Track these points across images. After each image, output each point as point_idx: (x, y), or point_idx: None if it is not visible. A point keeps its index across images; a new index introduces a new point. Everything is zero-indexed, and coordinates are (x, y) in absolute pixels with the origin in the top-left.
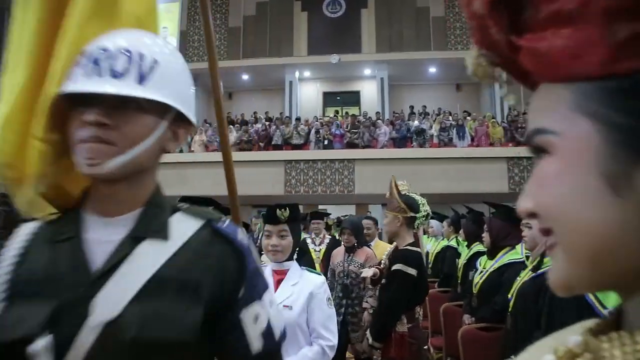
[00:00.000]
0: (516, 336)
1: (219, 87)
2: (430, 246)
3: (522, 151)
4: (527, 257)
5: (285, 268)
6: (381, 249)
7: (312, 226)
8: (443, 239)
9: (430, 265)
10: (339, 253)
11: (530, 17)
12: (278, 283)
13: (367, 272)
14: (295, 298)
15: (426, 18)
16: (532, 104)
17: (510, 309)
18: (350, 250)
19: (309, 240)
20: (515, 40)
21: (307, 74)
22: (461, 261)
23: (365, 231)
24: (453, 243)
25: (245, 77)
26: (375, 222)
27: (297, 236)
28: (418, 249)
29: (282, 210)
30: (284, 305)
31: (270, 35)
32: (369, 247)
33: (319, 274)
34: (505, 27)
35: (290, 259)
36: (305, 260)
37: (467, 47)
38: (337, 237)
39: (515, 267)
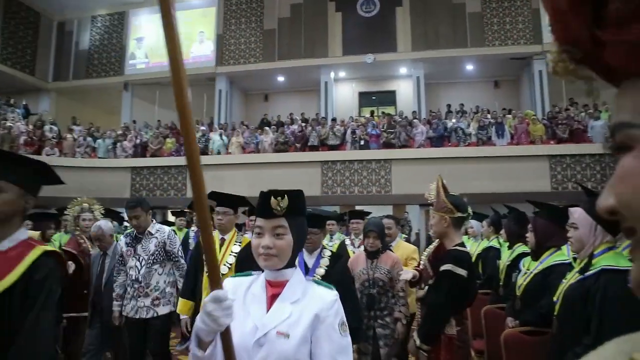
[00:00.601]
0: (562, 341)
1: (185, 95)
2: (470, 247)
3: (565, 149)
4: (575, 259)
5: (282, 279)
6: (402, 250)
7: (351, 226)
8: (483, 240)
9: None
10: (359, 260)
11: (615, 10)
12: (272, 300)
13: (407, 275)
14: (294, 322)
15: (462, 14)
16: (618, 99)
17: (555, 313)
18: (373, 255)
19: (348, 242)
20: (600, 35)
21: (342, 74)
22: (503, 262)
23: (385, 231)
24: (494, 243)
25: (280, 78)
26: (397, 221)
27: (299, 235)
28: (467, 250)
29: (279, 198)
30: (278, 332)
31: (304, 36)
32: (390, 249)
33: (331, 288)
34: (589, 22)
35: (290, 265)
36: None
37: (505, 42)
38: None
39: (561, 269)
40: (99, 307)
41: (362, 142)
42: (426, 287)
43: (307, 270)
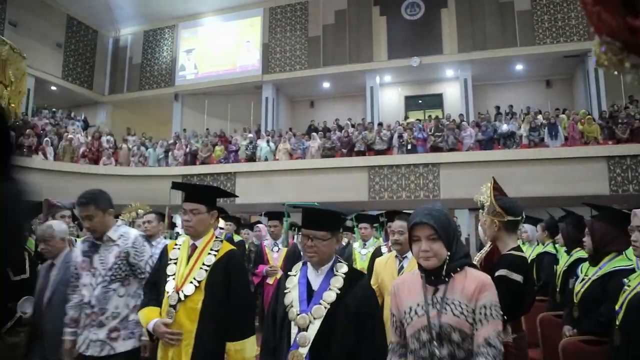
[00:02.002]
0: (627, 353)
1: None
2: (525, 252)
3: (625, 149)
4: None
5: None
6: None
7: (390, 230)
8: (538, 245)
9: None
10: (409, 285)
11: None
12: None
13: None
14: None
15: (511, 13)
16: None
17: (618, 322)
18: (434, 277)
19: (385, 250)
20: (631, 22)
21: (387, 78)
22: (560, 268)
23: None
24: (550, 249)
25: (326, 84)
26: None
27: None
28: (523, 254)
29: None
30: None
31: (349, 41)
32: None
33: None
34: (619, 10)
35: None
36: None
37: (557, 40)
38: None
39: (622, 275)
40: (39, 333)
41: (409, 146)
42: None
43: (310, 295)
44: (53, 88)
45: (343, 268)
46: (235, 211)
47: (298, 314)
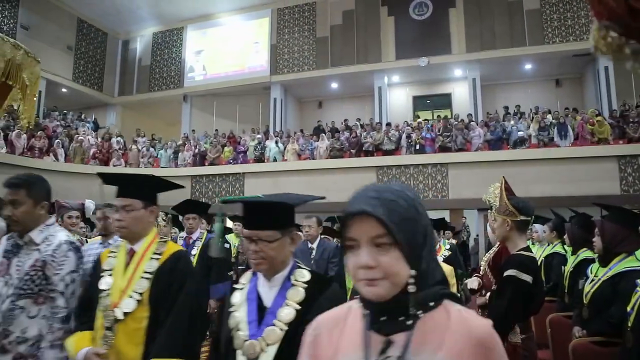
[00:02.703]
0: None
1: None
2: (535, 252)
3: (636, 149)
4: None
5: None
6: None
7: None
8: (548, 245)
9: None
10: (344, 333)
11: None
12: None
13: (473, 283)
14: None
15: (519, 12)
16: None
17: (630, 324)
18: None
19: None
20: (633, 3)
21: (396, 78)
22: (567, 268)
23: None
24: (559, 249)
25: (334, 85)
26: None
27: None
28: (532, 254)
29: None
30: None
31: (357, 42)
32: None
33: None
34: None
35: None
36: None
37: (566, 39)
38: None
39: (633, 276)
40: None
41: (417, 147)
42: (487, 294)
43: (262, 313)
44: (64, 90)
45: (303, 275)
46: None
47: (246, 340)
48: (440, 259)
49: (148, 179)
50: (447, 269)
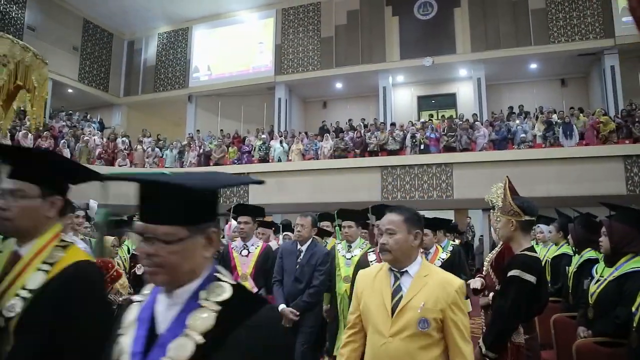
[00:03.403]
0: None
1: None
2: (539, 252)
3: None
4: None
5: None
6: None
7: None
8: (553, 245)
9: None
10: None
11: None
12: None
13: (476, 283)
14: None
15: (524, 11)
16: None
17: (635, 324)
18: None
19: (340, 248)
20: None
21: (400, 78)
22: (571, 269)
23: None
24: (567, 249)
25: (338, 85)
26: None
27: None
28: (537, 255)
29: None
30: None
31: (362, 42)
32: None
33: None
34: None
35: None
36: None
37: (572, 38)
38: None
39: (639, 277)
40: None
41: (422, 147)
42: (490, 294)
43: (152, 340)
44: (70, 91)
45: (221, 292)
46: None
47: None
48: (437, 262)
49: (55, 158)
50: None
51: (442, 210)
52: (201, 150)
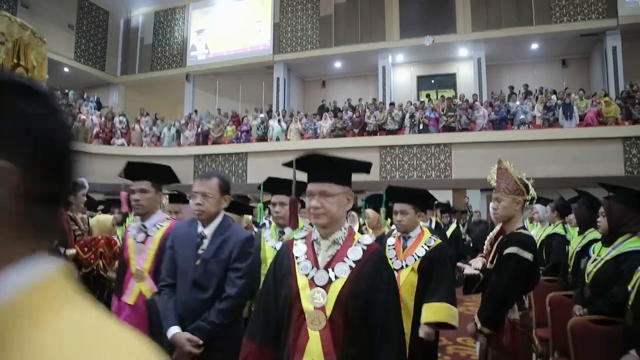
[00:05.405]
0: (638, 332)
1: None
2: (535, 233)
3: None
4: None
5: None
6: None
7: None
8: (549, 225)
9: None
10: None
11: None
12: None
13: (477, 262)
14: None
15: None
16: None
17: (631, 302)
18: None
19: (267, 235)
20: None
21: (400, 58)
22: (573, 248)
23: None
24: (559, 230)
25: (338, 64)
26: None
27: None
28: (531, 233)
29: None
30: None
31: (361, 21)
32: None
33: None
34: None
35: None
36: None
37: (574, 18)
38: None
39: (636, 256)
40: None
41: (421, 126)
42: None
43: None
44: (65, 70)
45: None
46: (246, 191)
47: None
48: (419, 251)
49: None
50: None
51: (441, 190)
52: (199, 130)
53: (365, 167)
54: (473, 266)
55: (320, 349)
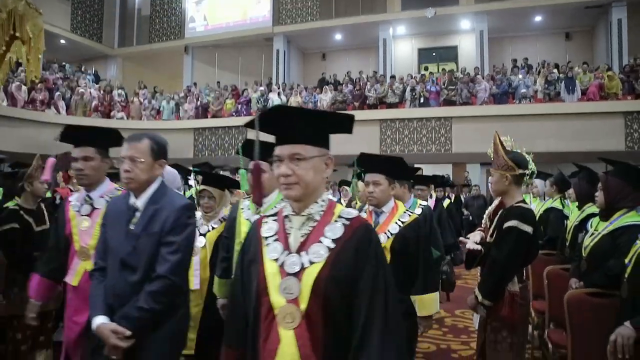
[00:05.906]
0: (634, 305)
1: None
2: (534, 207)
3: None
4: None
5: None
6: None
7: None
8: (548, 200)
9: None
10: None
11: None
12: None
13: (475, 236)
14: None
15: None
16: None
17: (627, 275)
18: None
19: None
20: None
21: (401, 30)
22: (571, 223)
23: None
24: (557, 204)
25: (338, 36)
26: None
27: None
28: (530, 207)
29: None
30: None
31: None
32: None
33: None
34: None
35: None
36: None
37: None
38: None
39: (633, 230)
40: None
41: (421, 100)
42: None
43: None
44: (62, 42)
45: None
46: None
47: None
48: (393, 227)
49: None
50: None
51: (440, 164)
52: (198, 103)
53: (346, 122)
54: (472, 240)
55: (296, 352)
